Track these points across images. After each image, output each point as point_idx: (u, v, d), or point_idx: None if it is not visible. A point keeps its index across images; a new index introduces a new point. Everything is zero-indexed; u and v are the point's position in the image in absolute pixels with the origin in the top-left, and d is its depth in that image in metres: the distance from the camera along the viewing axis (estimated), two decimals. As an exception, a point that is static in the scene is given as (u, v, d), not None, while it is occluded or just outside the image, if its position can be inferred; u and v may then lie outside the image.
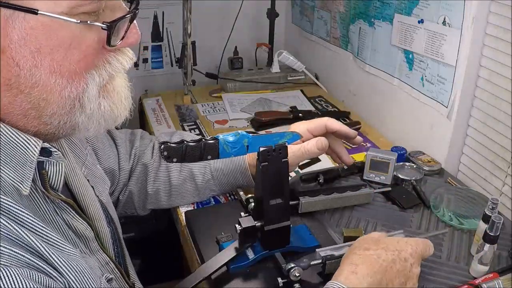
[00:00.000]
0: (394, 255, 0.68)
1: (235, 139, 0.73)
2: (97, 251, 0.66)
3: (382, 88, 1.35)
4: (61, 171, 0.58)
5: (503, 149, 0.99)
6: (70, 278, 0.52)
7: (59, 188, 0.59)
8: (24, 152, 0.53)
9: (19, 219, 0.50)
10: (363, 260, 0.67)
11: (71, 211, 0.61)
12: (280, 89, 1.66)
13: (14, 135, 0.53)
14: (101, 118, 0.58)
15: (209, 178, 0.97)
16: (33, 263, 0.48)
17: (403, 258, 0.68)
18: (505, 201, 0.98)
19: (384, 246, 0.69)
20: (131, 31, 0.56)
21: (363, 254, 0.68)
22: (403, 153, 1.15)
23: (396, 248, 0.69)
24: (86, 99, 0.55)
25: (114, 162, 0.93)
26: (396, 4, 1.21)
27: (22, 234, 0.49)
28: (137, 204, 0.99)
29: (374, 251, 0.68)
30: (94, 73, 0.55)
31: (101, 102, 0.57)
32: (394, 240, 0.72)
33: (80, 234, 0.62)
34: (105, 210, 0.74)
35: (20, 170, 0.53)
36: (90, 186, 0.72)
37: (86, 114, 0.56)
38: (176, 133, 1.01)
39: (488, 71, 1.00)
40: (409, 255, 0.69)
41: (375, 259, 0.67)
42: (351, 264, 0.67)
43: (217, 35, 1.76)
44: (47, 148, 0.56)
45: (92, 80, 0.55)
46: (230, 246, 0.81)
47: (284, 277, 0.74)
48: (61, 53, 0.51)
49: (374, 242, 0.71)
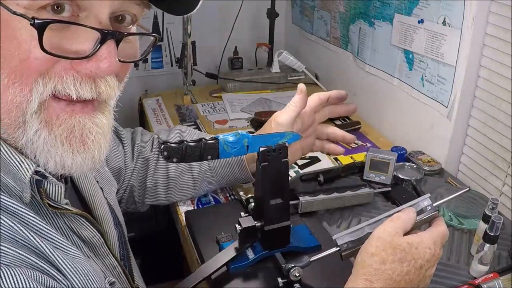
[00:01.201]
0: (409, 266, 0.64)
1: (235, 139, 0.73)
2: (106, 255, 0.65)
3: (382, 88, 1.35)
4: (61, 191, 0.55)
5: (503, 149, 0.99)
6: (74, 281, 0.51)
7: (60, 203, 0.56)
8: (17, 172, 0.51)
9: (25, 220, 0.50)
10: (379, 276, 0.63)
11: (84, 222, 0.60)
12: (280, 89, 1.66)
13: (8, 154, 0.50)
14: (47, 154, 0.50)
15: (206, 169, 0.97)
16: (37, 264, 0.48)
17: (418, 267, 0.65)
18: (505, 201, 0.98)
19: (401, 257, 0.64)
20: (103, 54, 0.48)
21: (379, 269, 0.63)
22: (403, 153, 1.15)
23: (413, 257, 0.64)
24: (29, 113, 0.48)
25: (121, 161, 0.94)
26: (396, 4, 1.21)
27: (27, 235, 0.48)
28: (137, 198, 0.99)
29: (390, 265, 0.63)
30: (40, 82, 0.48)
31: (42, 132, 0.49)
32: (413, 246, 0.65)
33: (88, 241, 0.61)
34: (112, 212, 0.74)
35: (18, 184, 0.51)
36: (99, 188, 0.72)
37: (28, 138, 0.49)
38: (175, 128, 1.01)
39: (488, 71, 1.00)
40: (425, 262, 0.65)
41: (389, 275, 0.63)
42: (366, 279, 0.63)
43: (217, 35, 1.76)
44: (42, 172, 0.52)
45: (36, 89, 0.48)
46: (230, 246, 0.81)
47: (284, 277, 0.74)
48: (6, 46, 0.46)
49: (392, 251, 0.64)
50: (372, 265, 0.63)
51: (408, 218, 0.68)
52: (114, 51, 0.49)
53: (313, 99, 0.96)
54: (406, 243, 0.64)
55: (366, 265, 0.64)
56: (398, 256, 0.64)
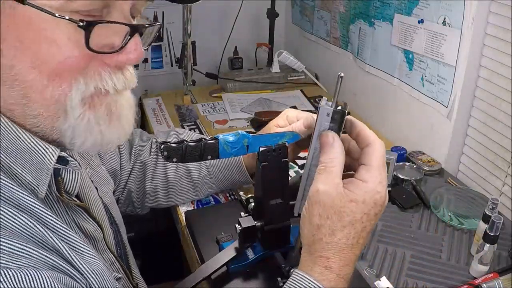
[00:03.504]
0: (364, 222, 0.58)
1: (235, 139, 0.73)
2: (104, 251, 0.66)
3: (382, 88, 1.35)
4: (77, 178, 0.58)
5: (503, 149, 0.99)
6: (91, 280, 0.52)
7: (73, 193, 0.59)
8: (42, 159, 0.53)
9: (43, 220, 0.51)
10: (334, 250, 0.58)
11: (83, 214, 0.61)
12: (280, 89, 1.66)
13: (32, 142, 0.52)
14: (87, 133, 0.54)
15: (205, 174, 0.97)
16: (58, 265, 0.49)
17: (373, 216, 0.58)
18: (505, 201, 0.98)
19: (350, 219, 0.57)
20: (132, 47, 0.52)
21: (331, 242, 0.57)
22: (403, 153, 1.15)
23: (364, 212, 0.57)
24: (69, 105, 0.51)
25: (116, 162, 0.94)
26: (396, 4, 1.21)
27: (47, 235, 0.49)
28: (136, 202, 0.99)
29: (341, 233, 0.57)
30: (81, 80, 0.51)
31: (86, 114, 0.53)
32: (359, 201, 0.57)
33: (89, 235, 0.62)
34: (107, 211, 0.75)
35: (37, 175, 0.53)
36: (94, 187, 0.72)
37: (70, 124, 0.52)
38: (172, 131, 1.01)
39: (488, 71, 1.00)
40: (379, 207, 0.59)
41: (344, 243, 0.57)
42: (321, 257, 0.58)
43: (217, 35, 1.76)
44: (64, 157, 0.55)
45: (76, 87, 0.51)
46: (230, 246, 0.81)
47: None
48: (43, 49, 0.48)
49: (338, 217, 0.57)
50: (322, 239, 0.58)
51: (335, 158, 0.58)
52: (140, 42, 0.54)
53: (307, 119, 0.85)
54: (349, 201, 0.57)
55: (316, 239, 0.58)
56: (347, 219, 0.57)
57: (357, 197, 0.57)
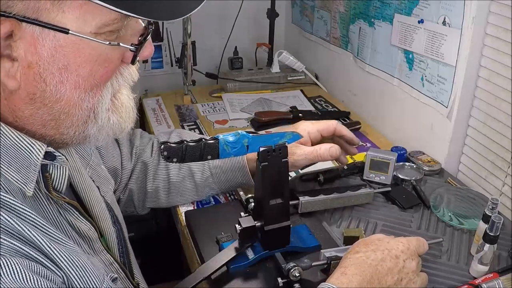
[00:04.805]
0: (384, 254, 0.70)
1: (235, 139, 0.73)
2: (101, 251, 0.66)
3: (382, 88, 1.35)
4: (65, 174, 0.59)
5: (503, 149, 0.99)
6: (70, 273, 0.52)
7: (62, 190, 0.59)
8: (28, 156, 0.54)
9: (22, 215, 0.51)
10: (353, 262, 0.69)
11: (75, 212, 0.62)
12: (280, 89, 1.66)
13: (19, 139, 0.53)
14: (110, 130, 0.60)
15: (208, 176, 0.97)
16: (31, 255, 0.49)
17: (393, 256, 0.70)
18: (505, 201, 0.98)
19: (373, 248, 0.71)
20: (145, 46, 0.58)
21: (353, 257, 0.70)
22: (403, 153, 1.15)
23: (386, 248, 0.71)
24: (100, 110, 0.56)
25: (117, 161, 0.94)
26: (396, 4, 1.21)
27: (22, 228, 0.50)
28: (137, 202, 0.99)
29: (364, 253, 0.70)
30: (109, 83, 0.56)
31: (110, 116, 0.59)
32: (385, 240, 0.73)
33: (84, 234, 0.62)
34: (110, 210, 0.75)
35: (23, 172, 0.53)
36: (96, 186, 0.72)
37: (98, 126, 0.58)
38: (174, 132, 1.01)
39: (488, 71, 1.00)
40: (400, 252, 0.70)
41: (363, 260, 0.69)
42: (342, 267, 0.69)
43: (217, 35, 1.76)
44: (51, 152, 0.56)
45: (106, 90, 0.56)
46: (230, 246, 0.81)
47: (284, 277, 0.74)
48: (87, 69, 0.52)
49: (365, 245, 0.72)
50: (347, 257, 0.71)
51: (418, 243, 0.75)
52: (150, 39, 0.59)
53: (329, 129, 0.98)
54: (376, 239, 0.73)
55: (343, 259, 0.72)
56: (371, 247, 0.71)
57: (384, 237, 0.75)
